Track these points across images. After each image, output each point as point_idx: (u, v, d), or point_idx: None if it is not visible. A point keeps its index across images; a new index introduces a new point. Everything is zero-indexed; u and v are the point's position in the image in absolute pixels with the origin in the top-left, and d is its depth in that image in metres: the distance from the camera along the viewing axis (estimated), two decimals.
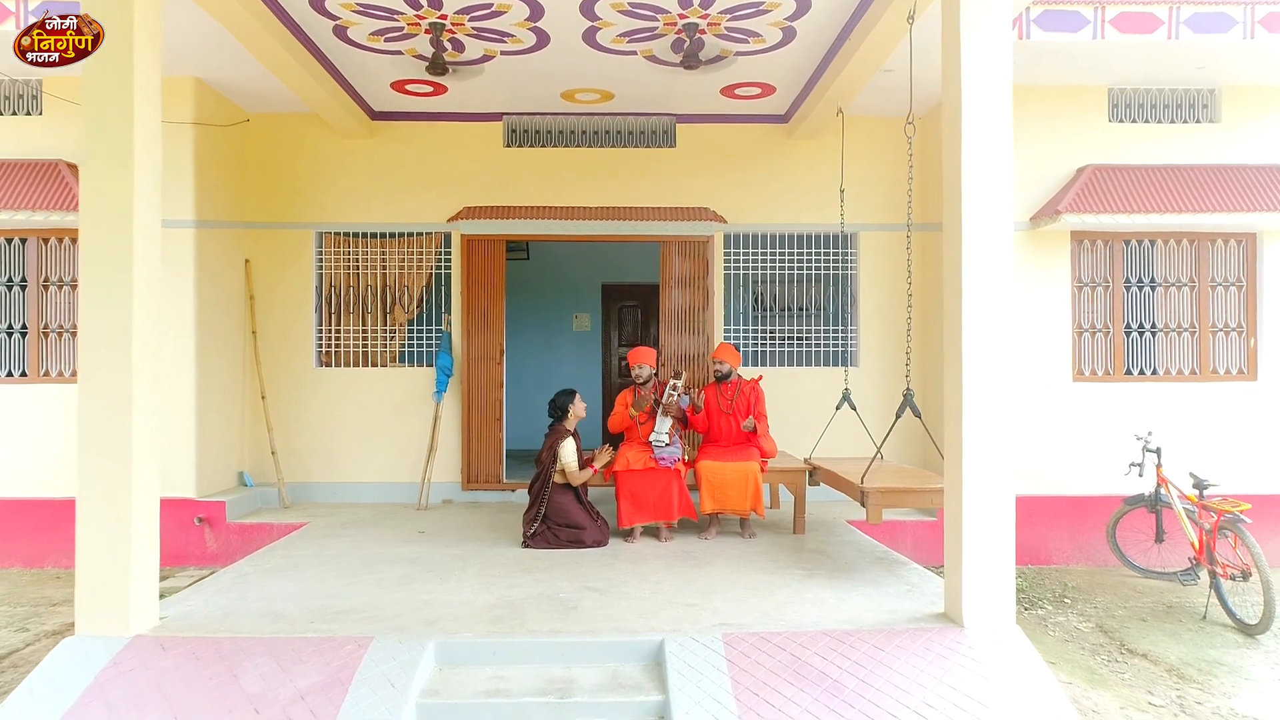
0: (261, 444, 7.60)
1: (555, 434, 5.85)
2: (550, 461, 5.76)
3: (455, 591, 4.72)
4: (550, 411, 5.94)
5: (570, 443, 5.80)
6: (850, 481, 5.29)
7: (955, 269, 4.15)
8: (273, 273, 7.74)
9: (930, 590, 4.69)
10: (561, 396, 5.96)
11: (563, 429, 5.87)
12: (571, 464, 5.76)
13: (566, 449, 5.76)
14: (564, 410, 5.91)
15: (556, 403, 5.94)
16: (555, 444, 5.77)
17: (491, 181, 7.81)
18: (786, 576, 5.01)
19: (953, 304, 4.18)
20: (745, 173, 7.87)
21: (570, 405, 5.94)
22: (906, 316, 5.42)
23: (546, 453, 5.80)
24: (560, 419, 5.92)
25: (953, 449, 4.15)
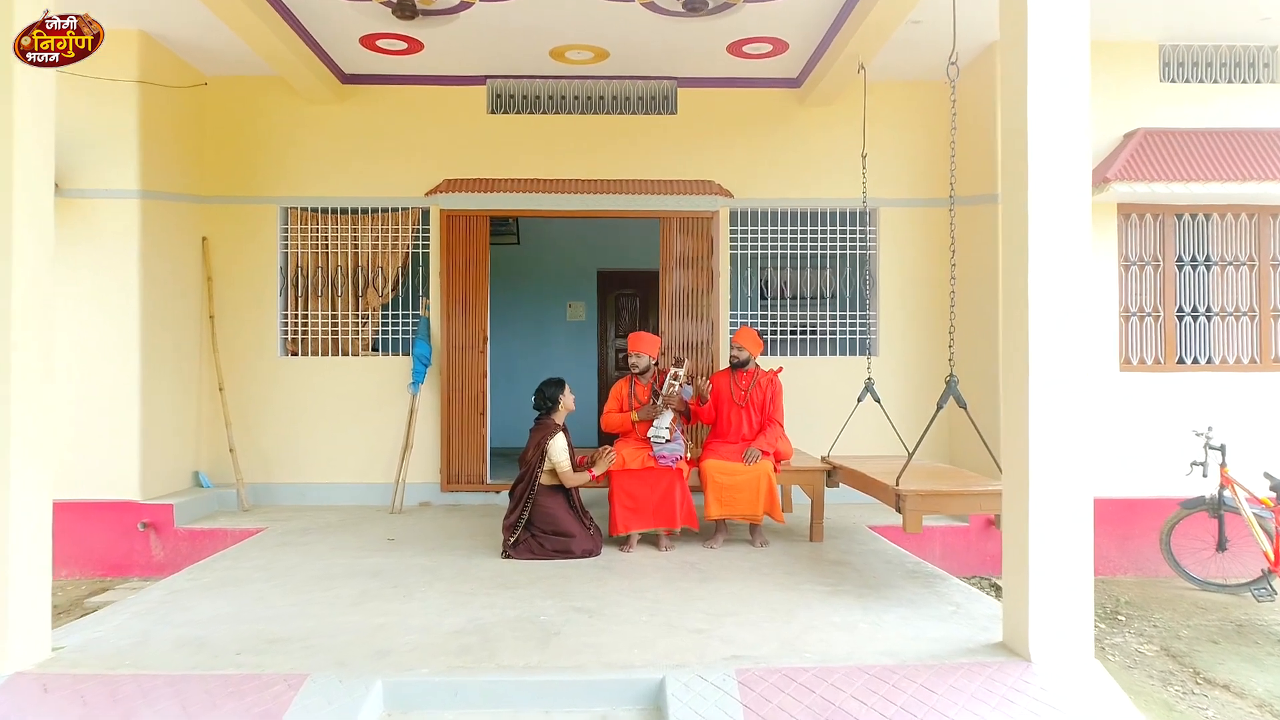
0: (219, 441, 6.87)
1: (543, 429, 5.13)
2: (537, 461, 5.04)
3: (419, 613, 3.99)
4: (536, 403, 5.22)
5: (561, 439, 5.08)
6: (881, 483, 4.57)
7: (1018, 244, 3.43)
8: (232, 251, 7.01)
9: (980, 612, 3.97)
10: (549, 386, 5.24)
11: (551, 423, 5.15)
12: (565, 464, 5.04)
13: (557, 447, 5.05)
14: (553, 401, 5.19)
15: (544, 393, 5.22)
16: (543, 440, 5.05)
17: (473, 152, 7.09)
18: (808, 594, 4.29)
19: (1015, 284, 3.45)
20: (754, 142, 7.14)
21: (560, 396, 5.22)
22: (950, 295, 4.68)
23: (533, 451, 5.08)
24: (548, 412, 5.20)
25: (1014, 447, 3.43)
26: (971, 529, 6.30)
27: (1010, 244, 3.50)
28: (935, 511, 4.17)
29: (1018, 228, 3.43)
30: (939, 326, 7.11)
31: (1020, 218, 3.40)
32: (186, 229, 6.80)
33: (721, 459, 5.36)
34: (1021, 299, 3.38)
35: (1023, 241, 3.38)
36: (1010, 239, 3.50)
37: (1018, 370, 3.41)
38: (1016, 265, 3.44)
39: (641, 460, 5.30)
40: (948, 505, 4.15)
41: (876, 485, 4.67)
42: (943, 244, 7.09)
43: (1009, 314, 3.50)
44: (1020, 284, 3.40)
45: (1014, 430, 3.44)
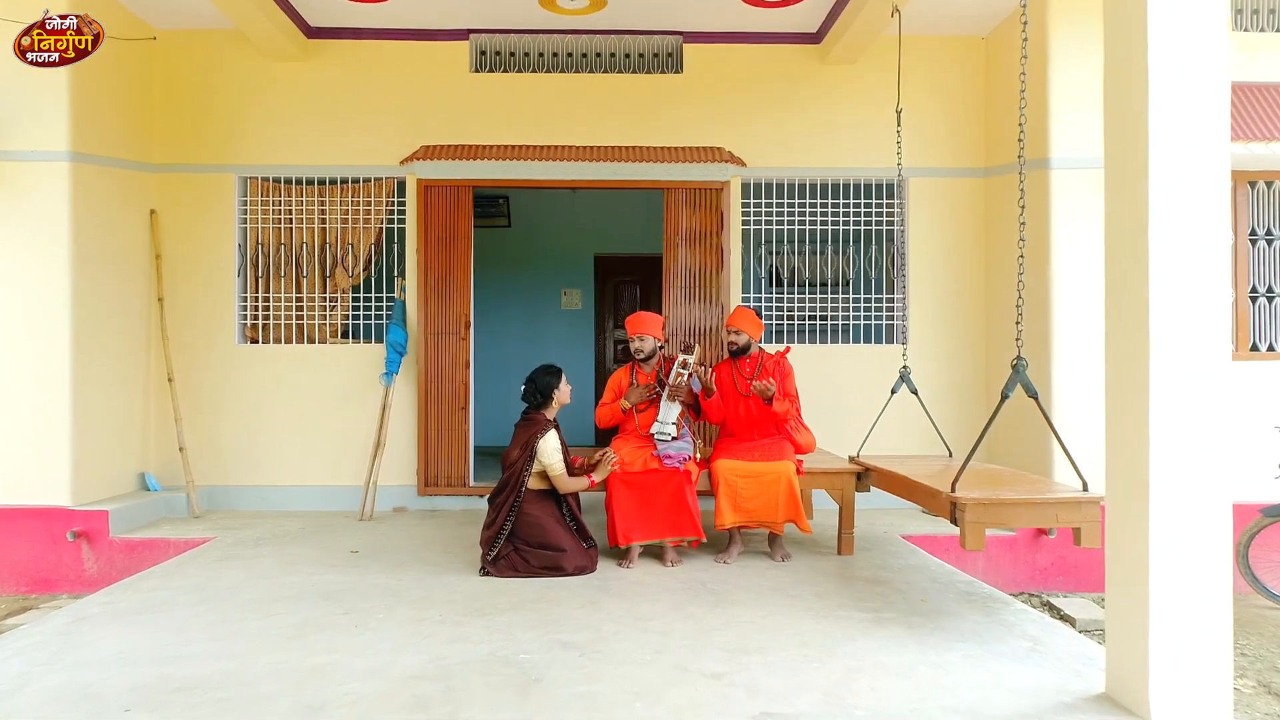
0: (170, 439, 6.11)
1: (532, 425, 4.38)
2: (524, 462, 4.28)
3: (370, 649, 3.24)
4: (526, 394, 4.46)
5: (554, 437, 4.33)
6: (928, 488, 3.82)
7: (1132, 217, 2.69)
8: (185, 226, 6.25)
9: (1064, 649, 3.22)
10: (544, 374, 4.47)
11: (541, 419, 4.40)
12: (558, 466, 4.29)
13: (549, 446, 4.29)
14: (546, 393, 4.43)
15: (538, 383, 4.45)
16: (532, 439, 4.29)
17: (455, 115, 6.33)
18: (846, 623, 3.54)
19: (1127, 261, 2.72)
20: (768, 105, 6.38)
21: (555, 388, 4.46)
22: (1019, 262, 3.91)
23: (519, 451, 4.32)
24: (540, 405, 4.44)
25: (1127, 448, 2.69)
26: (1019, 539, 5.55)
27: (1120, 216, 2.75)
28: (1000, 524, 3.43)
29: (1131, 197, 2.68)
30: (975, 310, 6.37)
31: (1135, 185, 2.66)
32: (132, 200, 6.04)
33: (735, 458, 4.61)
34: (1138, 278, 2.65)
35: (1139, 214, 2.64)
36: (1121, 210, 2.75)
37: (1132, 358, 2.67)
38: (1129, 241, 2.70)
39: (643, 461, 4.55)
40: (1016, 516, 3.41)
41: (923, 491, 3.92)
42: (977, 219, 6.36)
43: (1119, 295, 2.77)
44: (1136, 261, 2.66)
45: (1125, 428, 2.69)
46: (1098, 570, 5.53)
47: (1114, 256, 2.80)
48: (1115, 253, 2.80)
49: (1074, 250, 5.58)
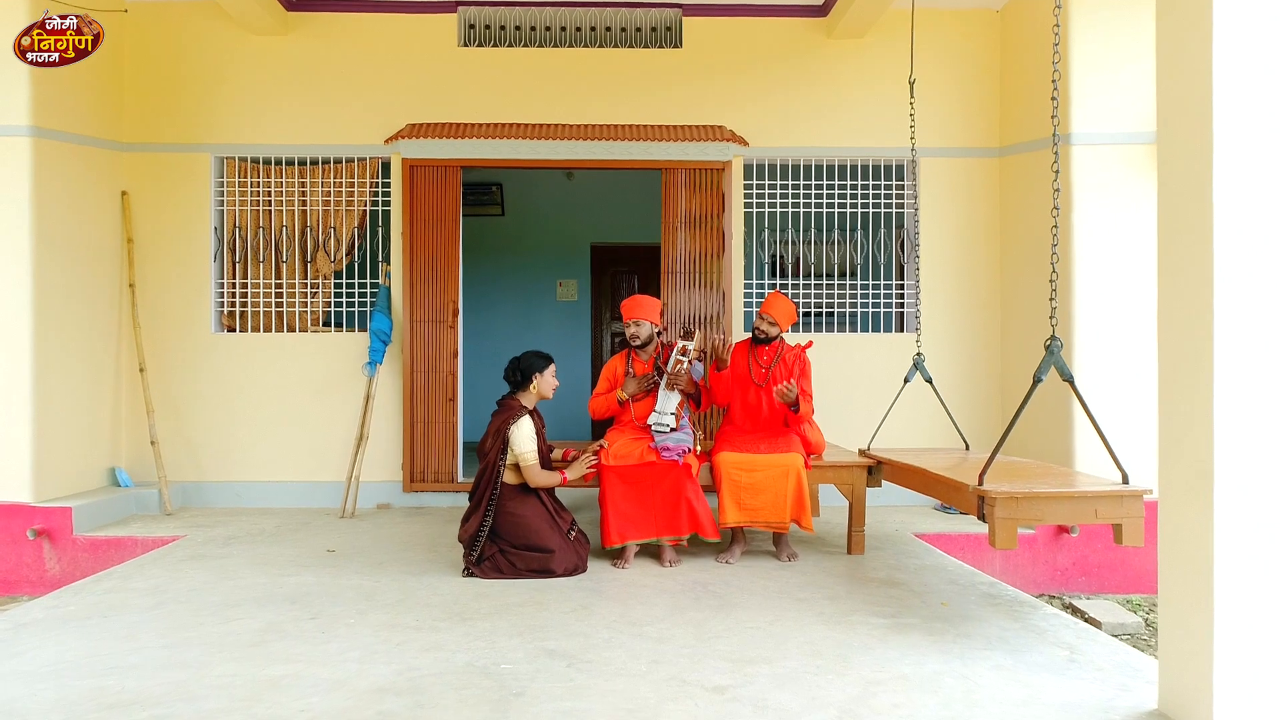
0: (142, 432, 5.80)
1: (505, 411, 4.06)
2: (498, 452, 3.97)
3: (335, 659, 2.93)
4: (507, 373, 4.14)
5: (528, 424, 4.01)
6: (951, 482, 3.50)
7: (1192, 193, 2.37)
8: (158, 209, 5.94)
9: (1105, 660, 2.90)
10: (531, 357, 4.15)
11: (516, 404, 4.08)
12: (529, 456, 3.97)
13: (522, 434, 3.97)
14: (527, 375, 4.11)
15: (520, 363, 4.13)
16: (505, 425, 3.97)
17: (443, 92, 6.02)
18: (861, 630, 3.22)
19: (1187, 239, 2.40)
20: (771, 82, 6.07)
21: (538, 373, 4.13)
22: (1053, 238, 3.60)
23: (492, 440, 4.00)
24: (518, 387, 4.13)
25: (1185, 438, 2.37)
26: (1038, 538, 5.23)
27: (1179, 191, 2.43)
28: (1033, 520, 3.11)
29: (1192, 171, 2.36)
30: (990, 298, 6.05)
31: (1197, 158, 2.34)
32: (102, 180, 5.72)
33: (739, 450, 4.30)
34: (1200, 256, 2.33)
35: (1202, 188, 2.32)
36: (1179, 185, 2.43)
37: (1193, 340, 2.35)
38: (1190, 218, 2.38)
39: (640, 453, 4.23)
40: (1051, 512, 3.09)
41: (945, 485, 3.60)
42: (991, 201, 6.05)
43: (1177, 275, 2.45)
44: (1199, 239, 2.34)
45: (1184, 416, 2.37)
46: (1121, 571, 5.22)
47: (1171, 235, 2.48)
48: (1173, 231, 2.47)
49: (1096, 230, 5.27)
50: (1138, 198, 5.25)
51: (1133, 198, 5.27)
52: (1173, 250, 2.46)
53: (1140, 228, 5.24)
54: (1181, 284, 2.41)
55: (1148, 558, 5.19)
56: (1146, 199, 5.24)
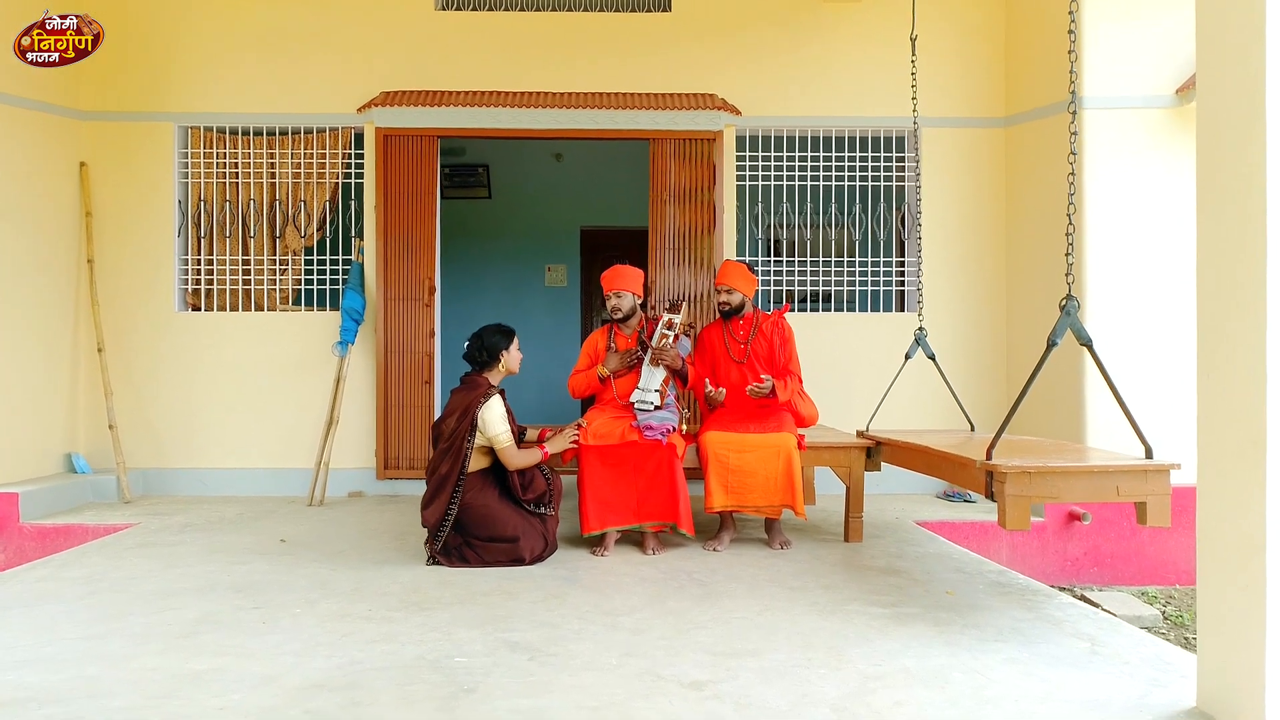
0: (102, 416, 5.49)
1: (471, 389, 3.75)
2: (466, 434, 3.65)
3: (272, 650, 2.62)
4: (470, 351, 3.83)
5: (498, 404, 3.70)
6: (957, 459, 3.20)
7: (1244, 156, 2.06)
8: (119, 181, 5.63)
9: (1132, 653, 2.60)
10: (493, 334, 3.84)
11: (484, 382, 3.77)
12: (504, 438, 3.66)
13: (493, 415, 3.65)
14: (493, 353, 3.81)
15: (484, 339, 3.82)
16: (473, 406, 3.66)
17: (419, 57, 5.72)
18: (858, 620, 2.92)
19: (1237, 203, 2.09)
20: (766, 48, 5.77)
21: (503, 349, 3.83)
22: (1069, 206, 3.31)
23: (458, 420, 3.68)
24: (484, 366, 3.82)
25: (1230, 408, 2.07)
26: (1047, 525, 4.93)
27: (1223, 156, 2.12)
28: (1047, 498, 2.80)
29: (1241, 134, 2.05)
30: (994, 275, 5.75)
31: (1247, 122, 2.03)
32: (58, 150, 5.43)
33: (727, 429, 4.00)
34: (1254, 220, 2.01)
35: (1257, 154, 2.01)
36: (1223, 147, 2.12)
37: (1241, 286, 2.04)
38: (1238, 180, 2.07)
39: (621, 433, 3.93)
40: (1067, 488, 2.78)
41: (950, 463, 3.30)
42: (997, 172, 5.75)
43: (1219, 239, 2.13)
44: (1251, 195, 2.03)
45: (1229, 374, 2.07)
46: (1137, 560, 4.92)
47: (1212, 198, 2.16)
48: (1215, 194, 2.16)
49: (1110, 197, 4.97)
50: (1155, 163, 4.95)
51: (1150, 163, 4.97)
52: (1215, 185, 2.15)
53: (1157, 194, 4.95)
54: (1227, 220, 2.10)
55: (1164, 547, 4.89)
56: (1164, 164, 4.95)
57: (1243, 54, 2.04)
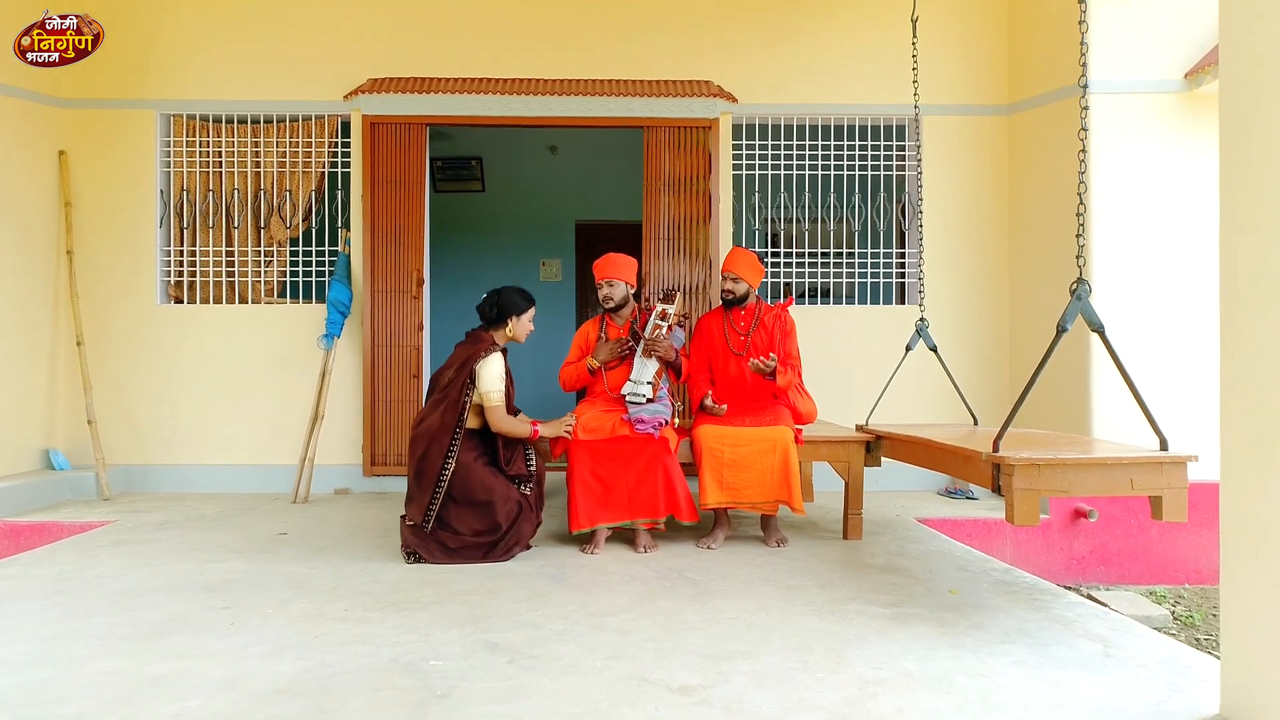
0: (81, 409, 5.35)
1: (475, 344, 3.64)
2: (463, 387, 3.52)
3: (239, 652, 2.48)
4: (483, 307, 3.72)
5: (498, 361, 3.60)
6: (961, 451, 3.06)
7: None
8: (99, 170, 5.49)
9: (1146, 653, 2.46)
10: (511, 294, 3.73)
11: (488, 338, 3.67)
12: (494, 395, 3.54)
13: (490, 371, 3.54)
14: (505, 311, 3.70)
15: (500, 299, 3.70)
16: (473, 358, 3.55)
17: (408, 43, 5.58)
18: (857, 620, 2.78)
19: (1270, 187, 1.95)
20: (763, 34, 5.63)
21: (515, 314, 3.71)
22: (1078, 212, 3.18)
23: (456, 370, 3.56)
24: (493, 323, 3.72)
25: (1252, 373, 1.93)
26: (1052, 523, 4.80)
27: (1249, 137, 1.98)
28: (1058, 491, 2.67)
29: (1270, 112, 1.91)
30: (997, 266, 5.61)
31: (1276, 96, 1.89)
32: (36, 138, 5.29)
33: (722, 423, 3.86)
34: None
35: None
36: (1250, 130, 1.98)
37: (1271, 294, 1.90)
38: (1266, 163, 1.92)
39: (611, 426, 3.79)
40: (1078, 482, 2.64)
41: (954, 456, 3.16)
42: (999, 162, 5.61)
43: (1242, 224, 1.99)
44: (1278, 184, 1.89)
45: (1257, 349, 1.93)
46: (1144, 559, 4.78)
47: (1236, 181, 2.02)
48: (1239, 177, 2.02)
49: (1116, 183, 4.83)
50: (1163, 148, 4.82)
51: (1157, 149, 4.83)
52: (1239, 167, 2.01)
53: (1165, 180, 4.81)
54: (1252, 203, 1.96)
55: (1172, 545, 4.75)
56: (1172, 150, 4.82)
57: (1269, 26, 1.90)
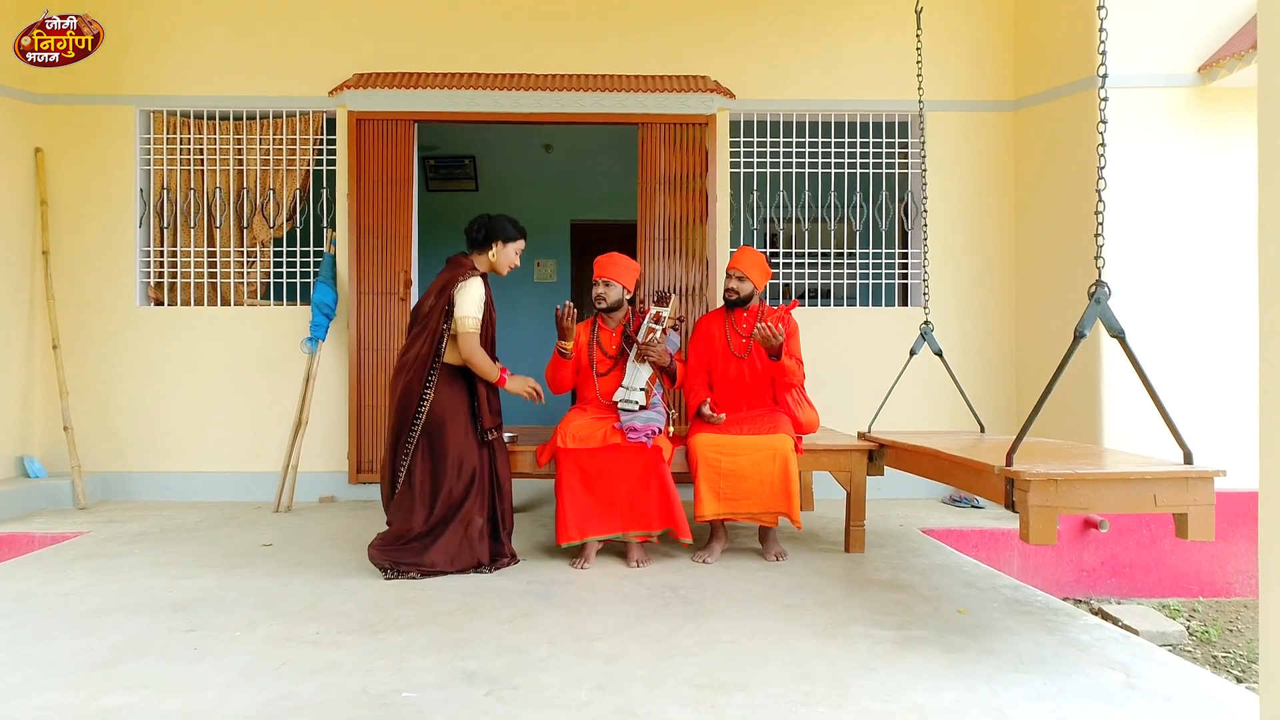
0: (58, 415, 5.18)
1: (455, 267, 3.49)
2: (440, 313, 3.38)
3: (198, 681, 2.31)
4: (471, 228, 3.55)
5: (477, 286, 3.44)
6: (972, 464, 2.89)
7: None
8: (77, 168, 5.32)
9: (1174, 685, 2.29)
10: (502, 220, 3.56)
11: (469, 262, 3.52)
12: (469, 320, 3.39)
13: (469, 296, 3.39)
14: (489, 237, 3.53)
15: (489, 223, 3.53)
16: (451, 282, 3.40)
17: (395, 37, 5.41)
18: (861, 645, 2.61)
19: None
20: (762, 28, 5.46)
21: (502, 239, 3.53)
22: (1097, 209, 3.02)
23: (436, 297, 3.42)
24: (477, 245, 3.56)
25: None
26: (1062, 533, 4.63)
27: None
28: (1076, 509, 2.50)
29: None
30: (1003, 268, 5.45)
31: None
32: (10, 135, 5.12)
33: (718, 431, 3.69)
34: None
35: None
36: None
37: None
38: None
39: (602, 435, 3.62)
40: (1099, 498, 2.48)
41: (964, 469, 2.99)
42: (1005, 159, 5.45)
43: None
44: None
45: None
46: (1157, 571, 4.62)
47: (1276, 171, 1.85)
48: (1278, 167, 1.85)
49: (1128, 181, 4.66)
50: (1176, 145, 4.65)
51: (1171, 145, 4.67)
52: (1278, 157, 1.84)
53: (1179, 178, 4.65)
54: None
55: (1186, 557, 4.59)
56: (1186, 146, 4.66)
57: None
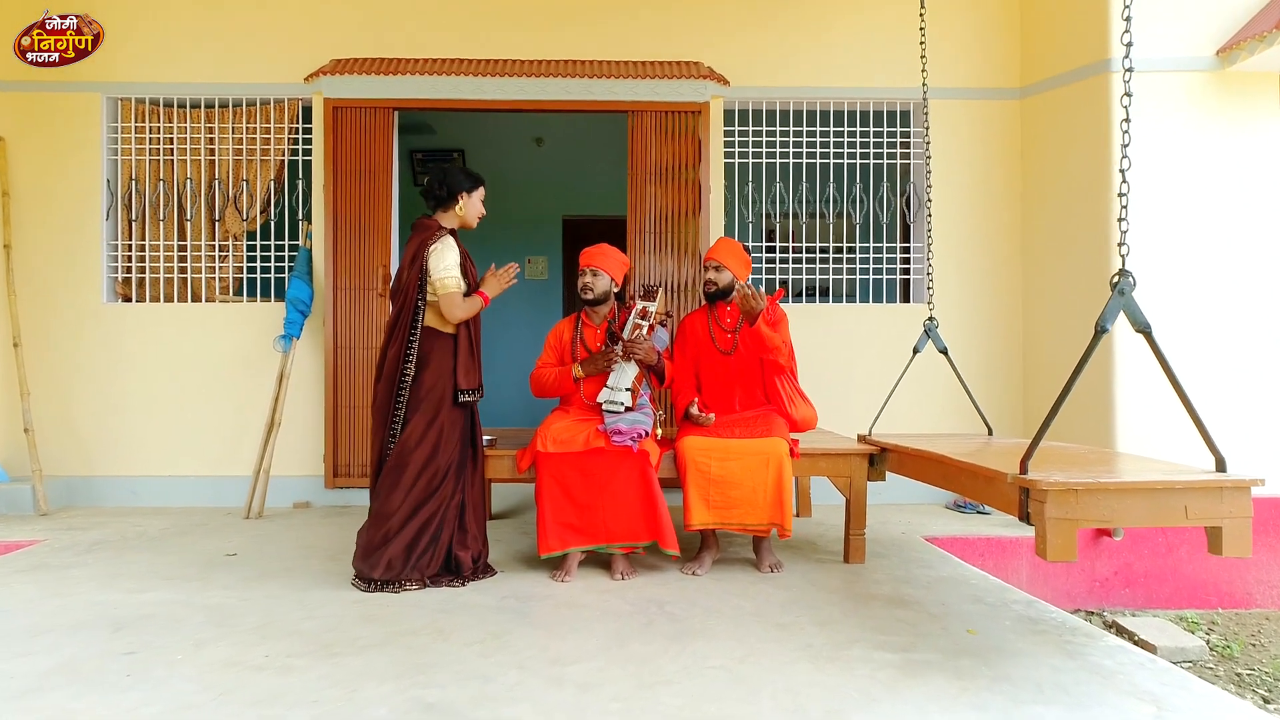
0: (17, 417, 4.94)
1: (424, 231, 3.28)
2: (415, 285, 3.20)
3: (123, 715, 2.08)
4: (429, 186, 3.33)
5: (450, 245, 3.24)
6: (983, 470, 2.66)
7: None
8: (40, 157, 5.08)
9: (1205, 716, 2.06)
10: (456, 173, 3.34)
11: (435, 224, 3.30)
12: (449, 282, 3.20)
13: (443, 261, 3.20)
14: (451, 193, 3.32)
15: (446, 178, 3.31)
16: (422, 249, 3.20)
17: (373, 21, 5.17)
18: (862, 671, 2.37)
19: None
20: (758, 12, 5.23)
21: (464, 191, 3.33)
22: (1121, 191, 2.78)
23: (409, 267, 3.22)
24: (439, 204, 3.35)
25: None
26: None
27: None
28: (1099, 521, 2.27)
29: None
30: (1009, 262, 5.22)
31: None
32: None
33: (708, 434, 3.46)
34: None
35: None
36: None
37: None
38: None
39: (585, 438, 3.39)
40: (1123, 509, 2.24)
41: (971, 476, 2.75)
42: (1011, 149, 5.23)
43: None
44: None
45: None
46: (1173, 581, 4.39)
47: None
48: None
49: (1140, 170, 4.41)
50: (1194, 131, 4.42)
51: (1188, 131, 4.42)
52: None
53: (1198, 165, 4.41)
54: None
55: (1203, 566, 4.36)
56: (1204, 132, 4.42)
57: None
